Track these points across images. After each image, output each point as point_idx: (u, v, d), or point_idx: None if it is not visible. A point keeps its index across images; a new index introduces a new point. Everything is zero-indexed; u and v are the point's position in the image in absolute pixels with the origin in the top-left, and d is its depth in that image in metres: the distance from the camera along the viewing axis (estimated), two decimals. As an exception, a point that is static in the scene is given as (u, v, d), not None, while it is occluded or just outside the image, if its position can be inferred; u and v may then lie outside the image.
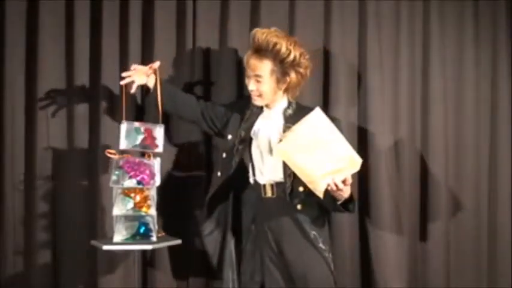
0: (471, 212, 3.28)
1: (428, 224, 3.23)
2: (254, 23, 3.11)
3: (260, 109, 2.66)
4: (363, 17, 3.18)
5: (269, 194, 2.60)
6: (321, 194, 2.37)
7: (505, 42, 3.31)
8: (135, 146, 2.72)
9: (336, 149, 2.33)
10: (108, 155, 2.71)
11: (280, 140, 2.44)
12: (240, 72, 3.10)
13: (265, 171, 2.61)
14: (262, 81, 2.55)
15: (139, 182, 2.70)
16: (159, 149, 2.74)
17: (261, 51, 2.53)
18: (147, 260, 3.10)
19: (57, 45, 3.03)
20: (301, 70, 2.57)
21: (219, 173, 2.68)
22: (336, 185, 2.30)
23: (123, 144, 2.70)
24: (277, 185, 2.58)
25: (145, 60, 3.07)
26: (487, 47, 3.31)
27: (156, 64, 2.70)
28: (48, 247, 3.03)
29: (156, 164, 2.74)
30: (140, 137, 2.73)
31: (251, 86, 2.58)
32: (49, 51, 3.01)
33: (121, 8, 3.06)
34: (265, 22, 3.09)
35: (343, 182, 2.31)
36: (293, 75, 2.55)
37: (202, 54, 3.10)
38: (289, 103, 2.64)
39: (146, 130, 2.75)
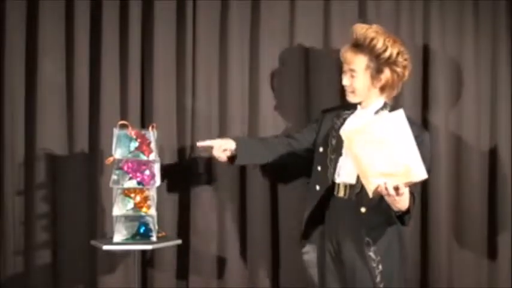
0: (471, 212, 3.28)
1: (429, 224, 3.23)
2: (254, 23, 3.12)
3: (353, 111, 2.59)
4: (362, 17, 3.17)
5: (341, 194, 2.52)
6: (370, 193, 2.25)
7: (505, 42, 3.30)
8: (129, 153, 2.72)
9: (400, 154, 2.21)
10: (108, 163, 2.71)
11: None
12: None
13: (342, 172, 2.51)
14: (356, 76, 2.48)
15: (139, 183, 2.71)
16: (154, 155, 2.73)
17: (357, 45, 2.48)
18: (147, 260, 3.10)
19: (57, 45, 3.03)
20: (398, 69, 2.48)
21: (317, 187, 2.57)
22: (387, 189, 2.19)
23: (117, 153, 2.69)
24: (350, 187, 2.49)
25: (145, 61, 3.08)
26: (487, 47, 3.30)
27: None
28: (48, 247, 3.03)
29: (156, 164, 2.74)
30: (134, 145, 2.72)
31: (345, 80, 2.52)
32: (49, 51, 3.01)
33: (121, 8, 3.06)
34: (265, 22, 3.10)
35: (396, 189, 2.18)
36: (388, 73, 2.48)
37: (203, 54, 3.11)
38: (385, 104, 2.55)
39: (139, 136, 2.74)
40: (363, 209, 2.45)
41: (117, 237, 2.72)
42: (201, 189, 3.11)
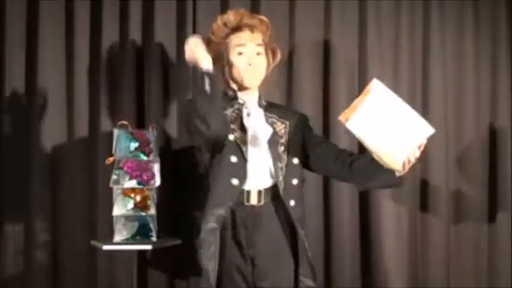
0: (471, 212, 3.28)
1: (429, 223, 3.23)
2: (254, 23, 3.12)
3: (238, 103, 2.34)
4: (363, 17, 3.18)
5: (254, 201, 2.25)
6: (399, 166, 2.14)
7: (504, 41, 3.31)
8: (129, 153, 2.72)
9: (400, 121, 2.14)
10: (108, 163, 2.72)
11: (346, 119, 2.13)
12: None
13: (250, 174, 2.25)
14: (262, 52, 2.33)
15: (139, 183, 2.71)
16: (154, 155, 2.73)
17: (247, 25, 2.31)
18: (147, 260, 3.10)
19: (57, 45, 3.03)
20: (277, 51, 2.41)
21: (234, 181, 2.24)
22: (413, 157, 2.13)
23: (117, 153, 2.70)
24: (265, 191, 2.26)
25: (145, 61, 3.08)
26: (487, 47, 3.31)
27: None
28: (48, 247, 3.03)
29: (156, 164, 2.75)
30: (134, 145, 2.72)
31: (253, 59, 2.29)
32: (49, 51, 3.02)
33: (121, 8, 3.07)
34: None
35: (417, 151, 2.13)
36: (278, 52, 2.39)
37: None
38: (259, 93, 2.38)
39: (140, 136, 2.74)
40: (292, 203, 2.25)
41: (117, 237, 2.72)
42: (201, 189, 3.11)
